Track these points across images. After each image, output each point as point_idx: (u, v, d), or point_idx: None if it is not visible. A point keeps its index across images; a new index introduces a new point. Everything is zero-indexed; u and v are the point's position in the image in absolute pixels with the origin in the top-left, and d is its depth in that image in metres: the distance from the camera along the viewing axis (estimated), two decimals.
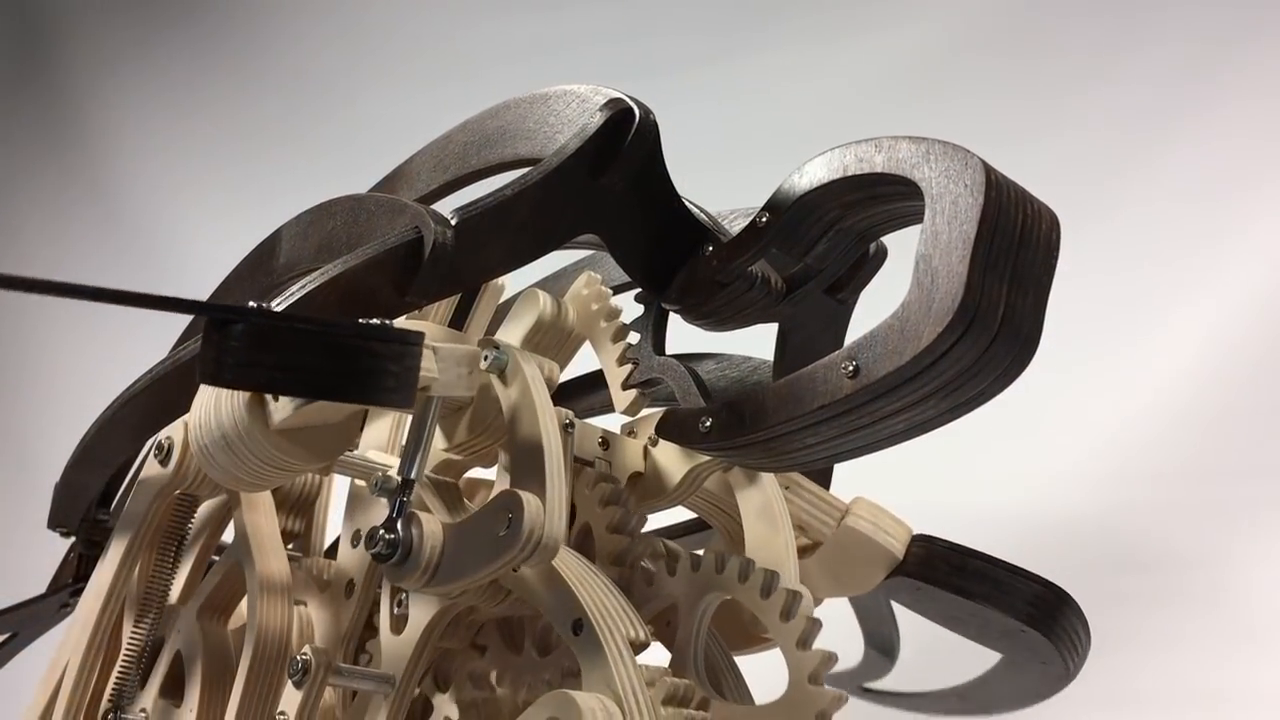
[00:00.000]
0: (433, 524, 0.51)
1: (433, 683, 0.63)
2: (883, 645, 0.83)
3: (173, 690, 0.63)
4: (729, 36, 1.44)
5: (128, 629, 0.66)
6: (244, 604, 0.64)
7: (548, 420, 0.53)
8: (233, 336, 0.42)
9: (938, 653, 0.78)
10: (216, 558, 0.68)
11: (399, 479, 0.52)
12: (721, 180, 0.65)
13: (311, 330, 0.42)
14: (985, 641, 0.70)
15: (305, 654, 0.56)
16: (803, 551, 0.66)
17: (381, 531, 0.51)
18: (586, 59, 1.42)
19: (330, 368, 0.42)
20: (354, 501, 0.64)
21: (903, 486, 0.69)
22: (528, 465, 0.52)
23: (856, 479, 0.68)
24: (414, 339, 0.44)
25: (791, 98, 1.34)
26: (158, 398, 0.65)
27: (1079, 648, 0.64)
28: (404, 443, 0.70)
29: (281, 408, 0.49)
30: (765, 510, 0.62)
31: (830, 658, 0.55)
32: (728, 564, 0.57)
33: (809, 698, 0.54)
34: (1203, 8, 1.24)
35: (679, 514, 0.71)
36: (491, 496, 0.51)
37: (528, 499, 0.48)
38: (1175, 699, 1.05)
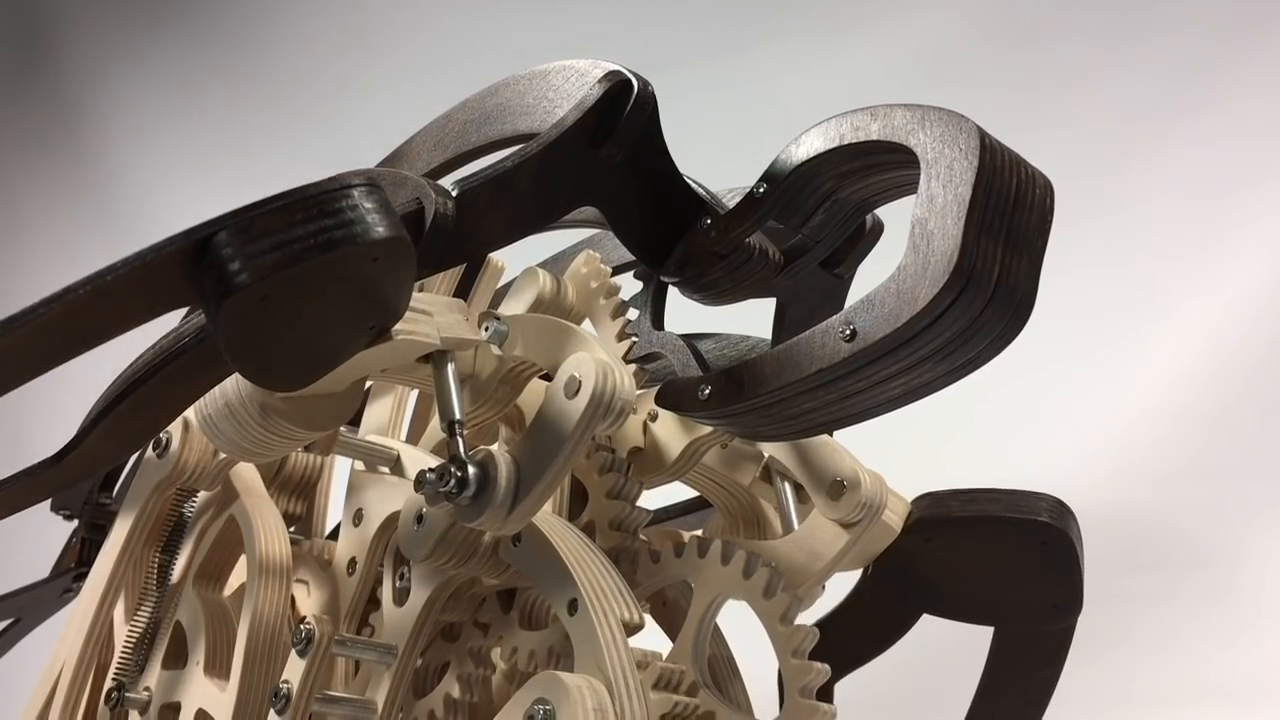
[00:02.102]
0: (495, 451, 0.51)
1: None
2: None
3: (176, 661, 0.63)
4: (731, 32, 1.44)
5: (128, 618, 0.66)
6: (240, 568, 0.64)
7: (562, 321, 0.54)
8: (223, 245, 0.41)
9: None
10: None
11: (446, 423, 0.52)
12: (723, 175, 0.65)
13: (287, 202, 0.42)
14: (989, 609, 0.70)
15: (309, 624, 0.56)
16: None
17: (450, 467, 0.50)
18: (587, 55, 1.42)
19: (323, 226, 0.42)
20: (354, 486, 0.65)
21: (904, 485, 0.69)
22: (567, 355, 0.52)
23: None
24: (360, 173, 0.44)
25: (793, 93, 1.34)
26: None
27: (1082, 560, 0.65)
28: (412, 419, 0.70)
29: None
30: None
31: (823, 670, 0.56)
32: (733, 557, 0.58)
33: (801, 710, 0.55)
34: (1204, 4, 1.24)
35: (679, 494, 0.72)
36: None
37: (590, 357, 0.49)
38: (1177, 697, 1.06)
